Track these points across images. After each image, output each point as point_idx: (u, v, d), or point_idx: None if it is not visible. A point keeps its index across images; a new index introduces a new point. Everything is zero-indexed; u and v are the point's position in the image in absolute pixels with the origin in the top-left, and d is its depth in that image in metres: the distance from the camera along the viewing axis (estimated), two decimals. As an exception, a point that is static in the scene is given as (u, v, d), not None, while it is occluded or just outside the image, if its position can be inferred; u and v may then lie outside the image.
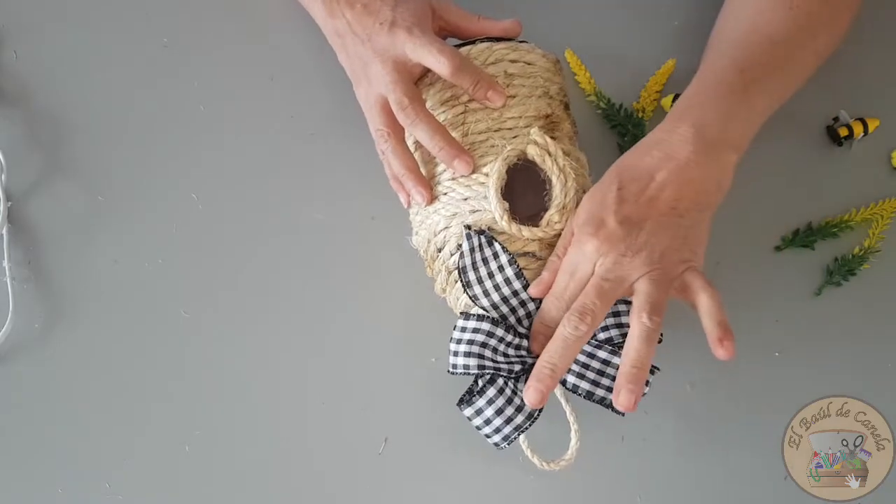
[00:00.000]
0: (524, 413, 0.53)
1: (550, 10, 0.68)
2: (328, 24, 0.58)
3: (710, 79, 0.56)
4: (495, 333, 0.53)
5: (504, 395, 0.53)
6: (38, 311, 0.62)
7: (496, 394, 0.53)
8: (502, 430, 0.53)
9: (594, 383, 0.53)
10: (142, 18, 0.68)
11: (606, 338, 0.54)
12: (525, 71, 0.57)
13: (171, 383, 0.61)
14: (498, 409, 0.53)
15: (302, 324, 0.62)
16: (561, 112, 0.57)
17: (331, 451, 0.60)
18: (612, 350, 0.53)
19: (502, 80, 0.56)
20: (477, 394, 0.53)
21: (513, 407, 0.53)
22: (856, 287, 0.63)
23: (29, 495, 0.60)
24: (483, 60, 0.56)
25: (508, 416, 0.53)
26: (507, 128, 0.55)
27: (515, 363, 0.53)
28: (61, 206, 0.64)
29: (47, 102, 0.66)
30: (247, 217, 0.64)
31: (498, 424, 0.53)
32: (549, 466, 0.55)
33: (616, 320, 0.54)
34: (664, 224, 0.51)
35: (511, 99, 0.55)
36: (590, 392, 0.53)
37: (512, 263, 0.53)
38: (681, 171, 0.51)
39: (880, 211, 0.64)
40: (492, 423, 0.53)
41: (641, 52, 0.67)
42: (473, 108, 0.56)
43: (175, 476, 0.60)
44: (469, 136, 0.55)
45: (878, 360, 0.62)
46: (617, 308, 0.54)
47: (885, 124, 0.65)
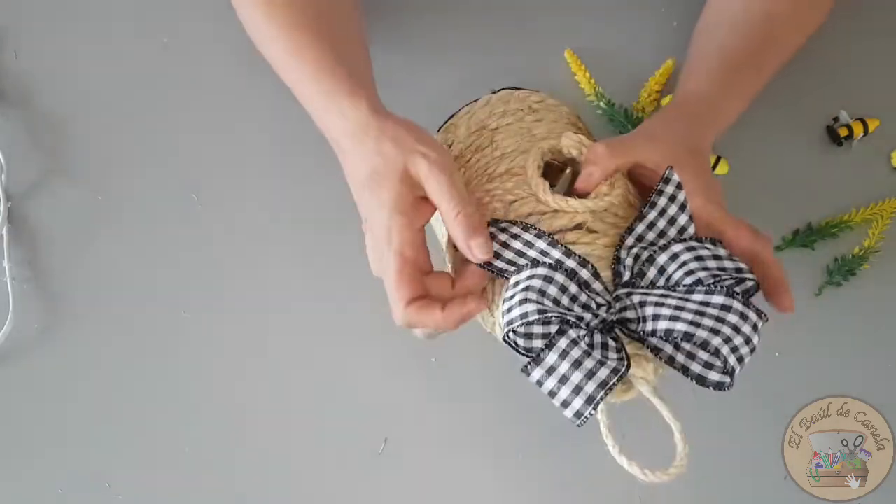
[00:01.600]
0: (608, 368, 0.43)
1: (550, 10, 0.68)
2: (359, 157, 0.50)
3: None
4: (554, 278, 0.44)
5: (579, 346, 0.43)
6: (38, 311, 0.62)
7: (570, 344, 0.43)
8: (584, 389, 0.43)
9: (693, 324, 0.43)
10: (141, 18, 0.68)
11: (695, 280, 0.45)
12: (548, 106, 0.56)
13: (172, 383, 0.61)
14: (575, 362, 0.43)
15: (302, 324, 0.62)
16: (592, 139, 0.56)
17: (331, 451, 0.60)
18: (709, 290, 0.44)
19: (527, 111, 0.55)
20: (546, 348, 0.43)
21: (593, 360, 0.43)
22: (856, 287, 0.63)
23: (29, 495, 0.60)
24: (506, 101, 0.56)
25: (590, 370, 0.43)
26: (539, 139, 0.53)
27: (586, 313, 0.45)
28: (61, 206, 0.64)
29: (47, 102, 0.66)
30: (247, 217, 0.64)
31: (578, 381, 0.43)
32: (655, 477, 0.45)
33: (701, 264, 0.45)
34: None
35: (536, 122, 0.54)
36: (688, 333, 0.42)
37: (542, 237, 0.47)
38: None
39: (880, 211, 0.64)
40: (570, 380, 0.43)
41: (641, 52, 0.67)
42: (499, 130, 0.55)
43: (175, 476, 0.60)
44: (499, 149, 0.54)
45: (878, 360, 0.62)
46: (699, 252, 0.46)
47: (885, 124, 0.65)
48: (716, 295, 0.44)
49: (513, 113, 0.55)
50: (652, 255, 0.47)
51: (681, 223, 0.49)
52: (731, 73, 0.57)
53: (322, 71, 0.51)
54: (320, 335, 0.62)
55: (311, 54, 0.52)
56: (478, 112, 0.56)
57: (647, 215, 0.49)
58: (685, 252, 0.46)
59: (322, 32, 0.53)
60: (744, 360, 0.44)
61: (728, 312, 0.43)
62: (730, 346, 0.43)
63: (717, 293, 0.44)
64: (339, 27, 0.55)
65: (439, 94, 0.65)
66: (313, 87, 0.52)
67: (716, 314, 0.43)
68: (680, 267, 0.46)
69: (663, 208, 0.49)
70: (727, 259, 0.46)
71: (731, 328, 0.43)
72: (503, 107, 0.55)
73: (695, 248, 0.46)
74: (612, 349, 0.45)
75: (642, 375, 0.46)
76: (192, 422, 0.60)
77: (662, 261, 0.47)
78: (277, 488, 0.60)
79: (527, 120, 0.55)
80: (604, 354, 0.44)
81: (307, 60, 0.52)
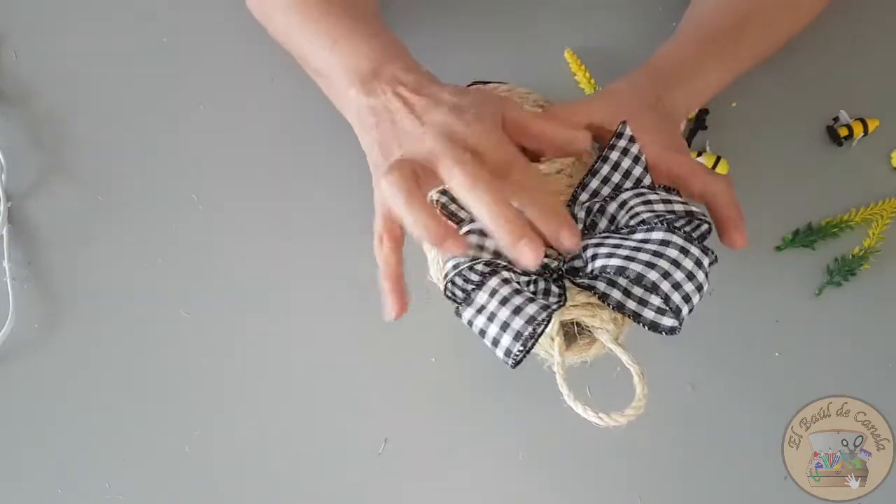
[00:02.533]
0: (537, 304, 0.42)
1: (550, 10, 0.68)
2: (361, 101, 0.49)
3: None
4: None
5: (510, 284, 0.43)
6: (38, 311, 0.62)
7: (500, 283, 0.42)
8: (511, 325, 0.42)
9: (628, 259, 0.41)
10: (141, 18, 0.68)
11: (639, 221, 0.43)
12: (518, 93, 0.55)
13: (171, 383, 0.61)
14: (503, 299, 0.42)
15: (302, 324, 0.62)
16: None
17: (331, 452, 0.60)
18: (650, 227, 0.43)
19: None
20: (475, 287, 0.43)
21: (523, 297, 0.42)
22: (856, 287, 0.63)
23: (29, 495, 0.60)
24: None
25: (517, 306, 0.42)
26: None
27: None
28: (61, 206, 0.64)
29: (47, 102, 0.66)
30: (247, 217, 0.64)
31: (505, 317, 0.42)
32: (611, 420, 0.43)
33: (648, 207, 0.44)
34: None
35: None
36: (621, 267, 0.41)
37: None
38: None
39: (880, 211, 0.64)
40: (497, 317, 0.42)
41: (641, 52, 0.67)
42: None
43: (175, 476, 0.60)
44: None
45: (878, 360, 0.62)
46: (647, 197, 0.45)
47: (885, 124, 0.65)
48: (655, 231, 0.42)
49: None
50: (602, 206, 0.46)
51: (635, 175, 0.48)
52: (707, 39, 0.57)
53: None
54: (320, 335, 0.62)
55: (347, 27, 0.52)
56: None
57: (600, 169, 0.48)
58: (634, 198, 0.45)
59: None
60: (690, 300, 0.42)
61: (667, 247, 0.41)
62: (670, 281, 0.41)
63: (657, 229, 0.42)
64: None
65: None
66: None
67: (653, 249, 0.41)
68: (627, 212, 0.44)
69: (616, 162, 0.48)
70: (678, 203, 0.45)
71: (670, 262, 0.41)
72: None
73: (644, 194, 0.45)
74: (553, 294, 0.44)
75: (600, 325, 0.45)
76: (191, 422, 0.60)
77: (612, 209, 0.46)
78: (278, 488, 0.60)
79: None
80: (542, 295, 0.43)
81: (346, 32, 0.52)
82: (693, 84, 0.56)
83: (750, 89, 0.64)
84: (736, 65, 0.58)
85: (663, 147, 0.50)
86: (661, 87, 0.54)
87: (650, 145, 0.49)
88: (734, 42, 0.57)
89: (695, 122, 0.65)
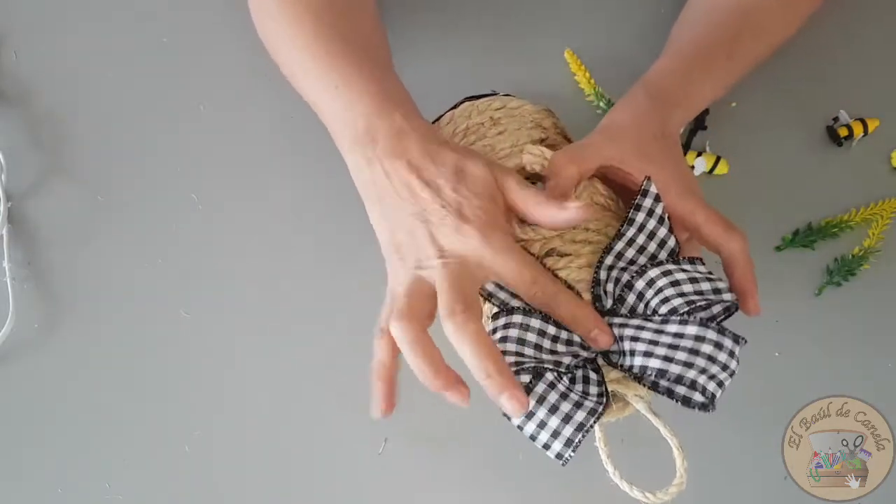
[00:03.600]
0: (585, 409, 0.44)
1: (550, 10, 0.68)
2: (361, 173, 0.49)
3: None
4: (531, 325, 0.45)
5: (557, 390, 0.44)
6: (38, 311, 0.62)
7: (546, 389, 0.44)
8: (562, 433, 0.44)
9: (667, 359, 0.43)
10: (141, 18, 0.68)
11: (670, 309, 0.44)
12: (511, 113, 0.55)
13: (171, 383, 0.61)
14: (552, 407, 0.44)
15: (302, 324, 0.62)
16: (558, 139, 0.55)
17: (331, 452, 0.60)
18: (683, 320, 0.44)
19: (489, 124, 0.53)
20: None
21: (569, 403, 0.44)
22: (856, 287, 0.63)
23: (29, 495, 0.60)
24: (468, 116, 0.54)
25: (566, 414, 0.44)
26: (503, 157, 0.52)
27: (564, 356, 0.45)
28: (61, 206, 0.64)
29: (47, 102, 0.66)
30: (247, 217, 0.64)
31: (555, 426, 0.44)
32: (656, 499, 0.47)
33: (677, 289, 0.45)
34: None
35: (500, 135, 0.53)
36: (661, 370, 0.43)
37: None
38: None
39: (880, 211, 0.64)
40: (547, 426, 0.44)
41: (641, 52, 0.67)
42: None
43: (175, 476, 0.60)
44: None
45: (878, 360, 0.62)
46: (675, 277, 0.46)
47: (885, 124, 0.65)
48: (689, 325, 0.44)
49: (474, 130, 0.54)
50: (630, 281, 0.46)
51: (660, 236, 0.48)
52: (702, 55, 0.56)
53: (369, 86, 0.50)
54: (321, 335, 0.62)
55: (340, 63, 0.51)
56: (442, 131, 0.55)
57: (626, 233, 0.48)
58: (661, 277, 0.46)
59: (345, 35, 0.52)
60: (724, 385, 0.45)
61: (702, 343, 0.43)
62: (706, 375, 0.43)
63: (691, 323, 0.44)
64: (374, 35, 0.55)
65: (439, 95, 0.65)
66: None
67: (689, 346, 0.43)
68: (656, 294, 0.45)
69: (642, 224, 0.48)
70: (704, 280, 0.46)
71: (706, 359, 0.43)
72: (465, 122, 0.54)
73: (671, 273, 0.46)
74: (592, 383, 0.46)
75: (636, 392, 0.47)
76: (191, 422, 0.60)
77: (640, 286, 0.46)
78: (278, 488, 0.60)
79: (489, 135, 0.53)
80: (584, 391, 0.45)
81: (337, 70, 0.51)
82: (691, 101, 0.55)
83: (750, 89, 0.64)
84: (730, 77, 0.58)
85: (678, 193, 0.49)
86: (664, 111, 0.53)
87: (665, 188, 0.48)
88: (728, 56, 0.57)
89: (695, 123, 0.65)
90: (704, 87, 0.56)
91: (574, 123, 0.65)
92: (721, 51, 0.57)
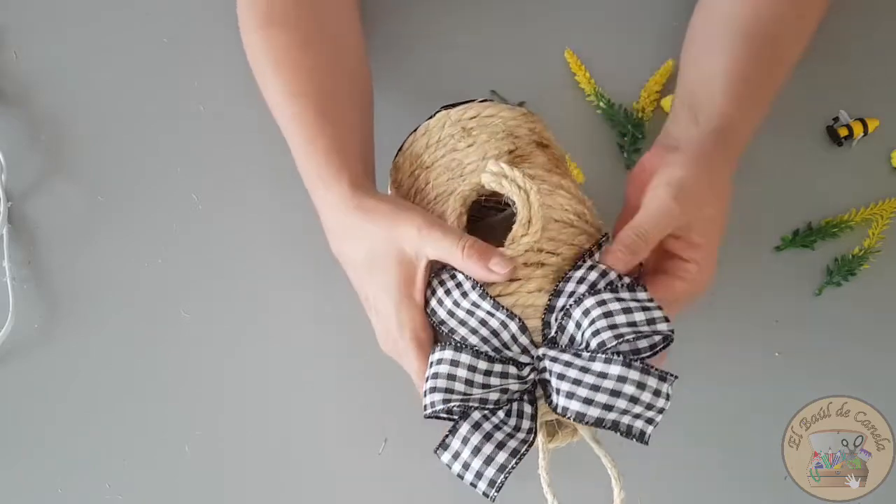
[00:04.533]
0: (507, 450, 0.45)
1: (550, 10, 0.68)
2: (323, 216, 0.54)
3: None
4: (460, 361, 0.46)
5: (481, 430, 0.45)
6: (38, 311, 0.62)
7: (470, 430, 0.45)
8: (484, 474, 0.44)
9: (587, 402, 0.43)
10: (141, 18, 0.68)
11: (599, 343, 0.44)
12: (484, 122, 0.54)
13: (171, 383, 0.61)
14: (474, 449, 0.44)
15: (302, 324, 0.62)
16: (530, 148, 0.54)
17: (331, 452, 0.60)
18: (608, 358, 0.44)
19: (459, 135, 0.53)
20: (450, 434, 0.45)
21: (493, 444, 0.45)
22: (856, 287, 0.63)
23: (29, 495, 0.60)
24: (441, 126, 0.54)
25: (488, 456, 0.44)
26: (469, 172, 0.51)
27: (494, 391, 0.45)
28: (61, 206, 0.64)
29: (47, 102, 0.66)
30: (247, 217, 0.64)
31: (478, 467, 0.44)
32: None
33: (609, 321, 0.45)
34: None
35: (469, 147, 0.52)
36: (580, 413, 0.43)
37: (475, 287, 0.47)
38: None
39: (880, 211, 0.64)
40: (471, 467, 0.45)
41: (641, 52, 0.67)
42: (433, 168, 0.53)
43: (175, 476, 0.60)
44: (433, 191, 0.52)
45: (878, 360, 0.62)
46: (609, 307, 0.46)
47: (885, 124, 0.65)
48: (613, 364, 0.43)
49: (445, 143, 0.53)
50: (569, 309, 0.46)
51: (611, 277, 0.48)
52: (755, 97, 0.57)
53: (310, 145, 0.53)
54: (320, 335, 0.62)
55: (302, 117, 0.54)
56: (417, 144, 0.54)
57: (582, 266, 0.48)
58: (595, 308, 0.45)
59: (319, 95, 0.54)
60: (654, 421, 0.44)
61: (624, 384, 0.43)
62: (630, 415, 0.43)
63: (615, 363, 0.43)
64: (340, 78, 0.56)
65: (439, 95, 0.65)
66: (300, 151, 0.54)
67: (611, 387, 0.43)
68: (590, 325, 0.45)
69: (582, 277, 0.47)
70: (639, 310, 0.46)
71: (628, 400, 0.43)
72: (438, 134, 0.53)
73: (605, 303, 0.45)
74: (526, 417, 0.46)
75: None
76: (191, 422, 0.60)
77: (577, 316, 0.46)
78: (277, 488, 0.60)
79: (459, 148, 0.53)
80: (517, 426, 0.45)
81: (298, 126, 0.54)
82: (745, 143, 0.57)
83: (750, 89, 0.64)
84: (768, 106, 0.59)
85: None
86: (732, 164, 0.54)
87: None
88: (774, 90, 0.58)
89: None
90: (753, 123, 0.57)
91: (574, 123, 0.65)
92: (770, 89, 0.58)
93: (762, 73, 0.57)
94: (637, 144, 0.65)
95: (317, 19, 0.56)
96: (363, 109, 0.57)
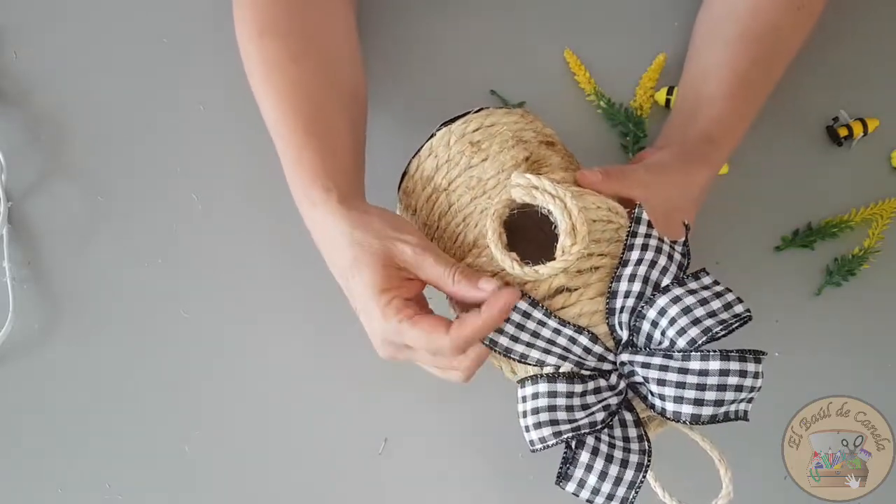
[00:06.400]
0: (632, 466, 0.46)
1: (550, 10, 0.68)
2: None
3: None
4: (557, 391, 0.46)
5: (600, 454, 0.46)
6: (38, 311, 0.62)
7: (590, 457, 0.46)
8: (616, 495, 0.46)
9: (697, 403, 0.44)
10: (141, 18, 0.68)
11: (689, 340, 0.45)
12: (489, 132, 0.53)
13: (171, 383, 0.61)
14: (601, 474, 0.46)
15: (302, 324, 0.62)
16: (542, 150, 0.54)
17: (331, 452, 0.60)
18: (705, 355, 0.44)
19: (470, 151, 0.52)
20: (570, 464, 0.46)
21: (616, 465, 0.46)
22: (856, 287, 0.63)
23: (29, 495, 0.60)
24: (446, 144, 0.53)
25: (616, 477, 0.46)
26: (491, 187, 0.52)
27: (597, 411, 0.46)
28: (61, 206, 0.64)
29: (47, 102, 0.66)
30: (247, 217, 0.64)
31: (608, 490, 0.46)
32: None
33: (690, 317, 0.45)
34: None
35: (484, 162, 0.52)
36: (695, 415, 0.44)
37: (549, 316, 0.47)
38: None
39: (880, 211, 0.64)
40: (601, 491, 0.46)
41: (641, 52, 0.67)
42: (452, 189, 0.53)
43: (175, 476, 0.60)
44: (460, 213, 0.52)
45: (878, 360, 0.62)
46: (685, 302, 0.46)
47: (885, 124, 0.65)
48: (711, 360, 0.44)
49: (456, 161, 0.53)
50: (641, 311, 0.47)
51: (661, 265, 0.48)
52: (749, 95, 0.58)
53: (299, 160, 0.52)
54: (321, 334, 0.62)
55: (291, 131, 0.53)
56: (425, 166, 0.54)
57: (630, 258, 0.48)
58: (671, 305, 0.46)
59: (308, 105, 0.54)
60: (752, 399, 0.45)
61: (727, 376, 0.44)
62: (737, 402, 0.44)
63: (713, 358, 0.44)
64: (330, 89, 0.55)
65: (438, 95, 0.65)
66: (289, 164, 0.53)
67: (716, 383, 0.44)
68: (671, 324, 0.45)
69: (638, 259, 0.48)
70: (713, 298, 0.46)
71: (734, 390, 0.44)
72: (446, 152, 0.53)
73: (680, 298, 0.46)
74: (630, 425, 0.47)
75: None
76: (191, 422, 0.60)
77: (652, 315, 0.46)
78: (277, 488, 0.60)
79: (473, 163, 0.52)
80: (625, 436, 0.46)
81: (287, 142, 0.53)
82: (737, 141, 0.59)
83: (750, 89, 0.64)
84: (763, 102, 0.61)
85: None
86: (715, 166, 0.57)
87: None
88: (770, 87, 0.60)
89: (695, 122, 0.65)
90: (748, 123, 0.59)
91: (574, 123, 0.65)
92: (763, 83, 0.59)
93: (761, 70, 0.58)
94: (640, 143, 0.65)
95: (308, 29, 0.56)
96: (355, 120, 0.56)
